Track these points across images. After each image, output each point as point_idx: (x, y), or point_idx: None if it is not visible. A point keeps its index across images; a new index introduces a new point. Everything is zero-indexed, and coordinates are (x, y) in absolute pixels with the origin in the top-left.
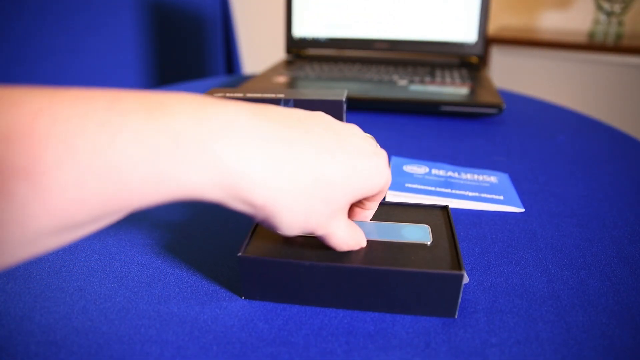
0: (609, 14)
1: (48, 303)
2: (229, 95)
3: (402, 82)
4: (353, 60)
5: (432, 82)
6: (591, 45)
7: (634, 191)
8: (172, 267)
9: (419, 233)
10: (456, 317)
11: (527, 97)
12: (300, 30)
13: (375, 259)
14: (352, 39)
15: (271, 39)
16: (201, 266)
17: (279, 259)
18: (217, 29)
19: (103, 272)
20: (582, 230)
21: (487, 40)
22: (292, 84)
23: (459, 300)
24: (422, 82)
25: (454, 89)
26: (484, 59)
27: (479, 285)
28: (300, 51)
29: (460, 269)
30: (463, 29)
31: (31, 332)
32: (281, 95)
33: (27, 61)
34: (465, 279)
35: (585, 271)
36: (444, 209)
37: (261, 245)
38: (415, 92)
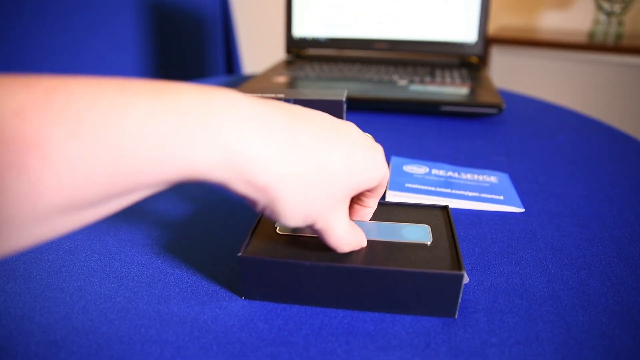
0: (609, 14)
1: (48, 303)
2: None
3: (402, 82)
4: (353, 60)
5: (432, 82)
6: (591, 45)
7: (634, 191)
8: (172, 267)
9: (419, 233)
10: (456, 317)
11: (527, 97)
12: (300, 30)
13: (375, 259)
14: (352, 39)
15: (271, 39)
16: (201, 266)
17: (279, 259)
18: (217, 29)
19: (103, 272)
20: (582, 230)
21: (487, 40)
22: (292, 84)
23: (459, 300)
24: (422, 82)
25: (454, 89)
26: (484, 59)
27: (479, 285)
28: (300, 51)
29: (460, 269)
30: (463, 29)
31: (31, 332)
32: (281, 95)
33: (27, 61)
34: (465, 279)
35: (585, 271)
36: (444, 209)
37: (261, 245)
38: (415, 92)
